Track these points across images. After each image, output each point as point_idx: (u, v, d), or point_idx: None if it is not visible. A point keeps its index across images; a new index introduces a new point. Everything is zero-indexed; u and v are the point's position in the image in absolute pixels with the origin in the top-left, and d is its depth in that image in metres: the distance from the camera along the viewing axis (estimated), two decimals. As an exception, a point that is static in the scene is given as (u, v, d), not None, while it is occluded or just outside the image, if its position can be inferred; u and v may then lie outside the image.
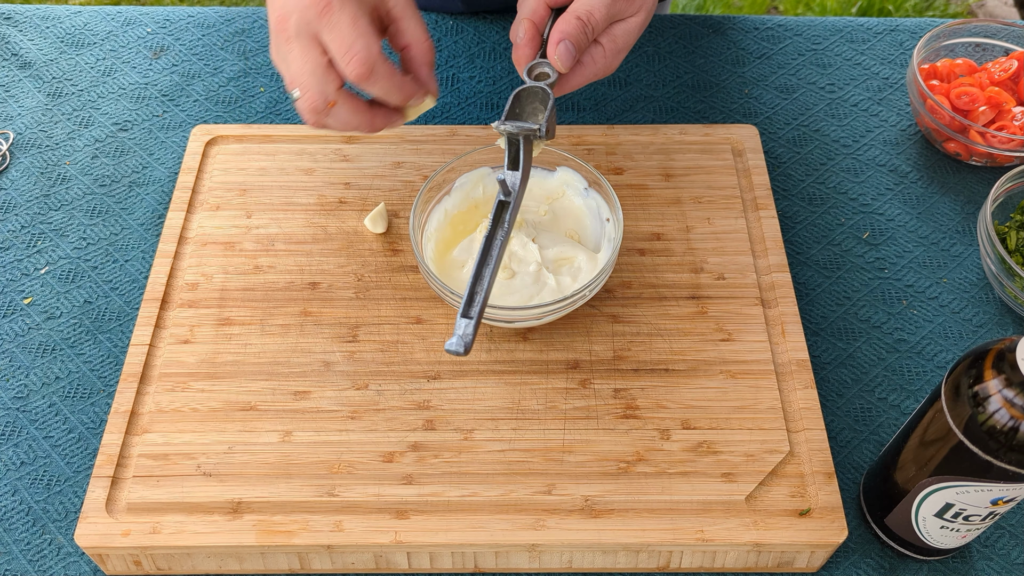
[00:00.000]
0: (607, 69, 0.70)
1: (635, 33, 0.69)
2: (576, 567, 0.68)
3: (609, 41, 0.68)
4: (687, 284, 0.78)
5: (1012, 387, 0.54)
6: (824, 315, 0.81)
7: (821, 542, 0.65)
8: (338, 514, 0.66)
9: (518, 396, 0.72)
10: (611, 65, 0.69)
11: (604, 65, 0.69)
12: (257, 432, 0.70)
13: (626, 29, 0.69)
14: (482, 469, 0.68)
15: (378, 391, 0.72)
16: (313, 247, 0.80)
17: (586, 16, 0.66)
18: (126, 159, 0.91)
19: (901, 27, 1.03)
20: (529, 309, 0.70)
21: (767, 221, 0.81)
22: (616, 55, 0.69)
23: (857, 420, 0.75)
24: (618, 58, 0.69)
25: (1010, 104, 0.89)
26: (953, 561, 0.69)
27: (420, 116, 0.94)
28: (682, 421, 0.70)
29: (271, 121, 0.94)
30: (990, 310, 0.81)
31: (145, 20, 1.04)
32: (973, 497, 0.59)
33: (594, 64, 0.69)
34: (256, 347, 0.74)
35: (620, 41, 0.69)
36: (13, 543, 0.69)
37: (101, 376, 0.77)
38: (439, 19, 1.03)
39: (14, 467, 0.72)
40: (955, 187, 0.90)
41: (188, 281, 0.78)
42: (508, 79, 0.98)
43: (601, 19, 0.67)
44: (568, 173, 0.78)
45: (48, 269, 0.83)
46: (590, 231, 0.77)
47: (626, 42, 0.69)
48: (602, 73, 0.70)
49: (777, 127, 0.94)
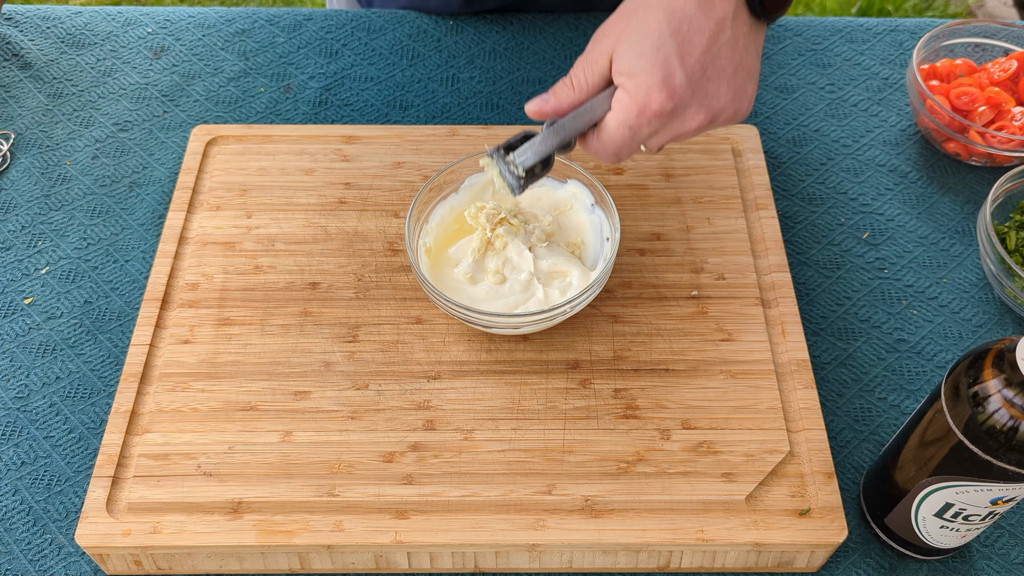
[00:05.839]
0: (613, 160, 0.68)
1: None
2: (576, 567, 0.68)
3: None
4: (687, 284, 0.78)
5: (1012, 387, 0.54)
6: (824, 315, 0.81)
7: (821, 542, 0.65)
8: (338, 514, 0.66)
9: (518, 396, 0.72)
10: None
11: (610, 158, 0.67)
12: (257, 432, 0.70)
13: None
14: (482, 469, 0.68)
15: (378, 391, 0.72)
16: (313, 247, 0.80)
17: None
18: (126, 159, 0.91)
19: (901, 27, 1.03)
20: (511, 317, 0.70)
21: (767, 221, 0.81)
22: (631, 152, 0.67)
23: (857, 420, 0.75)
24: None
25: (1010, 104, 0.89)
26: (953, 561, 0.69)
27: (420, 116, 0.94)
28: (682, 421, 0.70)
29: (271, 121, 0.94)
30: (990, 310, 0.81)
31: (145, 20, 1.04)
32: (973, 497, 0.59)
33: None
34: (256, 347, 0.74)
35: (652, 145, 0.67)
36: (13, 543, 0.69)
37: (101, 376, 0.77)
38: (439, 19, 1.03)
39: (14, 467, 0.73)
40: (955, 187, 0.90)
41: (188, 281, 0.78)
42: (508, 79, 0.98)
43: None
44: (577, 187, 0.78)
45: (48, 269, 0.83)
46: (590, 248, 0.77)
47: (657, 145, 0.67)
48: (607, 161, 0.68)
49: (777, 127, 0.94)
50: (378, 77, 0.98)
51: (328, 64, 0.99)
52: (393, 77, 0.98)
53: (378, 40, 1.02)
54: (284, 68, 0.99)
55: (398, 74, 0.99)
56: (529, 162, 0.65)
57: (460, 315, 0.70)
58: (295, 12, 1.04)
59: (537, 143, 0.65)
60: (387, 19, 1.03)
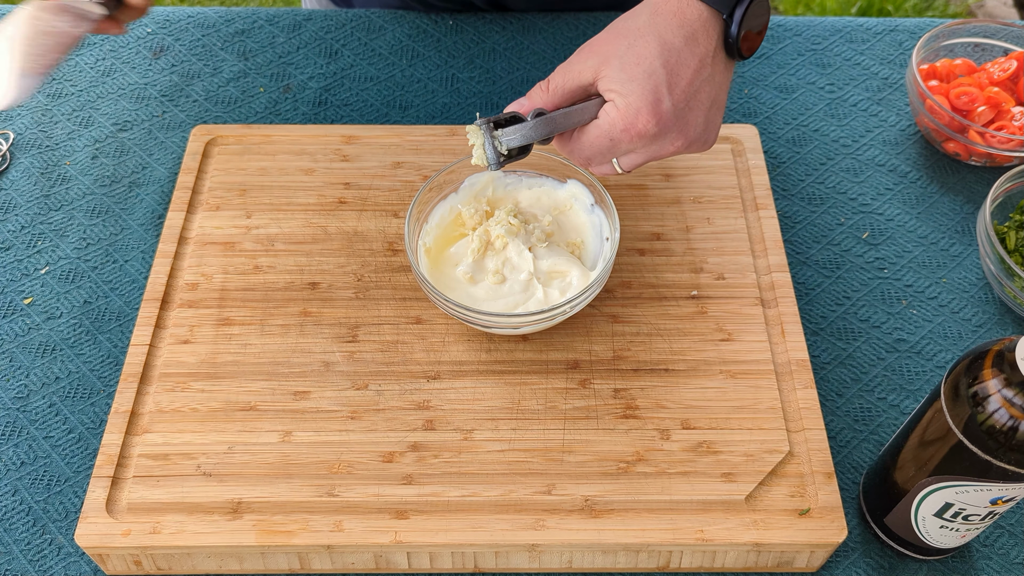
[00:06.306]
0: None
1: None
2: (576, 567, 0.68)
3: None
4: (687, 284, 0.78)
5: (1011, 387, 0.54)
6: (824, 315, 0.81)
7: (821, 542, 0.65)
8: (338, 514, 0.66)
9: (518, 396, 0.72)
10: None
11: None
12: (257, 432, 0.70)
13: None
14: (482, 469, 0.68)
15: (378, 391, 0.72)
16: (313, 247, 0.80)
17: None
18: (126, 159, 0.91)
19: (901, 27, 1.03)
20: (510, 317, 0.70)
21: (767, 221, 0.81)
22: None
23: (857, 420, 0.75)
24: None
25: (1009, 104, 0.89)
26: (953, 561, 0.69)
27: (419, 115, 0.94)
28: (682, 421, 0.70)
29: (271, 121, 0.94)
30: (990, 310, 0.81)
31: (145, 20, 1.04)
32: (972, 497, 0.59)
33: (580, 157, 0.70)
34: (256, 347, 0.74)
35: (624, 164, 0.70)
36: (13, 543, 0.69)
37: (101, 376, 0.77)
38: (439, 19, 1.03)
39: (14, 467, 0.73)
40: (955, 187, 0.90)
41: (188, 281, 0.78)
42: (508, 79, 0.98)
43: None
44: (577, 187, 0.78)
45: (48, 269, 0.83)
46: (590, 248, 0.77)
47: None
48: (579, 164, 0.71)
49: (777, 127, 0.94)
50: (377, 77, 0.98)
51: (327, 64, 0.99)
52: (392, 77, 0.98)
53: (377, 40, 1.02)
54: (284, 68, 0.99)
55: (397, 74, 0.99)
56: (514, 144, 0.67)
57: (460, 315, 0.70)
58: (295, 12, 1.04)
59: (527, 129, 0.66)
60: (387, 19, 1.03)
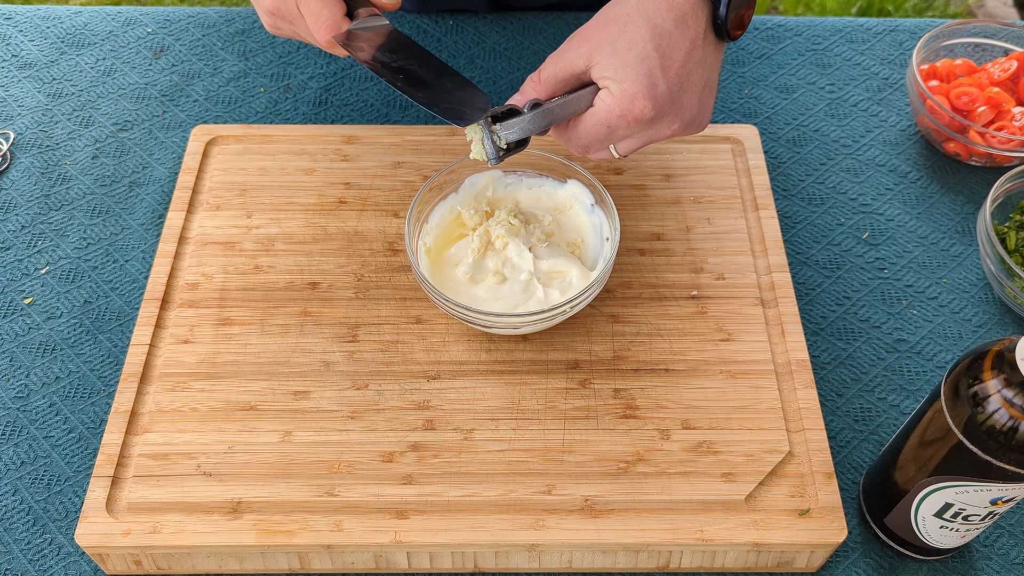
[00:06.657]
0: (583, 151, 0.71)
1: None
2: (576, 567, 0.68)
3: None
4: (687, 284, 0.78)
5: (1011, 387, 0.54)
6: (824, 315, 0.81)
7: (821, 542, 0.65)
8: (338, 514, 0.66)
9: (518, 396, 0.72)
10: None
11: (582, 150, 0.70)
12: (257, 432, 0.70)
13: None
14: (482, 469, 0.68)
15: (378, 391, 0.72)
16: (313, 247, 0.80)
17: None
18: (126, 159, 0.91)
19: (901, 27, 1.03)
20: (511, 317, 0.70)
21: (767, 221, 0.81)
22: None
23: (857, 420, 0.75)
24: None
25: (1009, 104, 0.89)
26: (953, 561, 0.69)
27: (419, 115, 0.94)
28: (682, 421, 0.70)
29: (271, 121, 0.94)
30: (990, 310, 0.81)
31: (145, 20, 1.04)
32: (972, 497, 0.59)
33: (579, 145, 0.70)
34: (256, 347, 0.74)
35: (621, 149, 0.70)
36: (13, 543, 0.69)
37: (101, 376, 0.77)
38: (439, 19, 1.03)
39: (14, 467, 0.73)
40: (955, 187, 0.90)
41: (188, 281, 0.78)
42: (508, 79, 0.98)
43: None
44: (577, 187, 0.78)
45: (48, 269, 0.83)
46: (590, 248, 0.77)
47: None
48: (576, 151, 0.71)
49: (777, 127, 0.94)
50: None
51: (328, 64, 0.99)
52: (393, 77, 0.98)
53: (378, 40, 1.02)
54: (284, 68, 0.99)
55: (398, 74, 0.98)
56: (513, 137, 0.67)
57: (460, 315, 0.70)
58: (295, 12, 1.04)
59: (525, 121, 0.66)
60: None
